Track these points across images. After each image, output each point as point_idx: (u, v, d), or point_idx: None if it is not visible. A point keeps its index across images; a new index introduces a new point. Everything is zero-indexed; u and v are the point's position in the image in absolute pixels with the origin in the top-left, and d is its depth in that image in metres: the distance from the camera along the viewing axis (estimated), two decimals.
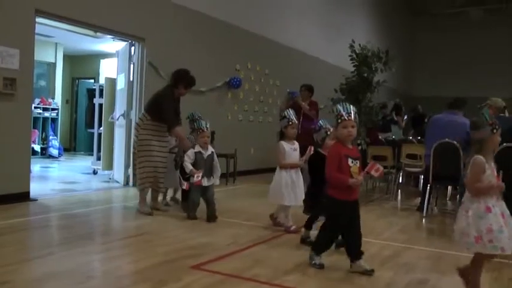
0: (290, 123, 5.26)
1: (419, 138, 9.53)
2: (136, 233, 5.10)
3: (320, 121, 5.09)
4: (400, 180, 8.75)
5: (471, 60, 21.10)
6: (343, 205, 3.91)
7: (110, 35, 8.72)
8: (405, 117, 12.16)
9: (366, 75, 8.36)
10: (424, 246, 5.06)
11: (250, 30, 11.22)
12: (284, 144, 5.32)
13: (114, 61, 10.18)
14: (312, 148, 5.11)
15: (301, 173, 5.43)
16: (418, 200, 7.34)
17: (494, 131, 3.36)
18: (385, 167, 8.46)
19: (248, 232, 5.32)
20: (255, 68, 11.38)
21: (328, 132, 4.83)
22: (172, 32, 9.02)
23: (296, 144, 5.40)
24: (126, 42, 8.81)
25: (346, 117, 3.86)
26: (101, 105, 10.15)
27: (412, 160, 8.28)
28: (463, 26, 21.46)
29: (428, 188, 6.83)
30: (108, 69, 13.61)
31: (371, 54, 8.40)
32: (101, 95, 10.25)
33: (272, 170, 5.52)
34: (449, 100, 7.31)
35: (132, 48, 8.65)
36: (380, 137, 9.61)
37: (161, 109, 6.15)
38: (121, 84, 9.05)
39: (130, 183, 8.49)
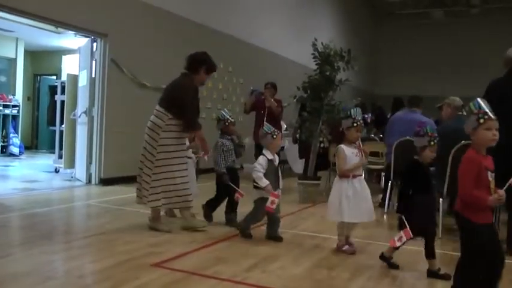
0: (355, 124, 4.42)
1: (381, 136, 9.69)
2: (97, 232, 5.05)
3: (427, 127, 4.00)
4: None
5: (433, 60, 21.54)
6: (487, 230, 3.10)
7: (71, 30, 8.63)
8: (370, 115, 12.34)
9: (328, 73, 8.44)
10: (385, 241, 5.14)
11: (215, 27, 11.21)
12: (345, 148, 4.47)
13: (76, 57, 10.05)
14: None
15: None
16: (380, 196, 7.46)
17: (432, 143, 3.87)
18: None
19: (210, 229, 5.31)
20: (219, 66, 11.29)
21: (432, 143, 3.88)
22: (135, 29, 8.95)
23: (356, 149, 4.50)
24: (88, 38, 8.71)
25: (490, 116, 3.03)
26: (63, 102, 10.00)
27: (374, 157, 8.42)
28: (426, 26, 21.88)
29: (389, 184, 6.96)
30: (70, 65, 13.43)
31: (333, 53, 8.49)
32: (63, 92, 10.10)
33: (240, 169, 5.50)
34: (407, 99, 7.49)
35: (94, 44, 8.56)
36: None
37: (182, 104, 5.15)
38: (83, 81, 8.95)
39: (93, 181, 8.42)
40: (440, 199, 5.38)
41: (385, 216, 6.74)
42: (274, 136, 4.91)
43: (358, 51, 9.40)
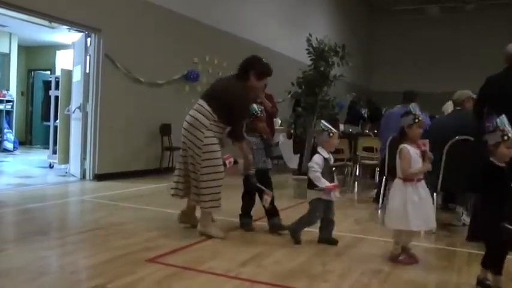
0: (416, 120, 4.06)
1: (375, 131, 9.71)
2: (92, 227, 5.04)
3: (496, 120, 3.51)
4: (357, 173, 8.90)
5: (429, 56, 21.56)
6: None
7: (65, 25, 8.58)
8: (365, 110, 12.39)
9: (322, 69, 8.41)
10: (378, 236, 5.17)
11: (209, 23, 11.18)
12: (409, 147, 4.07)
13: (70, 52, 10.01)
14: None
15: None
16: (374, 192, 7.48)
17: (331, 134, 4.28)
18: (341, 160, 8.65)
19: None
20: (213, 61, 11.36)
21: (506, 137, 3.35)
22: (129, 24, 8.93)
23: (418, 150, 4.11)
24: (82, 33, 8.68)
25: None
26: (57, 98, 9.96)
27: (369, 153, 8.44)
28: (421, 23, 21.90)
29: (383, 180, 6.97)
30: (64, 60, 13.37)
31: (328, 48, 8.46)
32: (57, 87, 10.07)
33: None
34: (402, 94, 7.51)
35: (88, 39, 8.52)
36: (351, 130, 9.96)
37: (234, 112, 4.76)
38: (77, 76, 8.92)
39: (87, 176, 8.40)
40: (434, 194, 5.39)
41: (378, 212, 6.75)
42: (331, 134, 4.62)
43: (353, 47, 9.40)
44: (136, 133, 9.21)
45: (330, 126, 4.66)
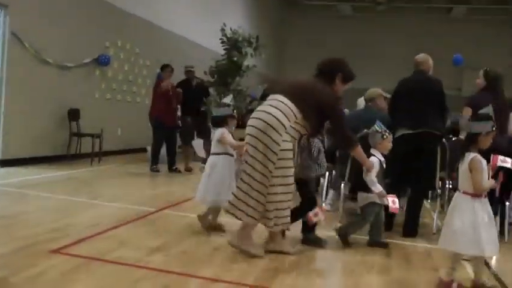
0: (494, 128, 3.55)
1: None
2: None
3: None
4: None
5: (339, 52, 22.11)
6: None
7: None
8: None
9: (236, 59, 8.54)
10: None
11: (124, 8, 10.95)
12: (481, 158, 3.53)
13: None
14: None
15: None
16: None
17: (384, 137, 4.50)
18: None
19: (113, 213, 5.30)
20: (125, 46, 11.15)
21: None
22: (39, 1, 8.56)
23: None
24: None
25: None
26: None
27: None
28: (334, 19, 22.53)
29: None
30: None
31: (241, 39, 8.59)
32: None
33: (140, 151, 5.33)
34: None
35: None
36: None
37: (336, 117, 4.25)
38: None
39: None
40: (342, 183, 5.63)
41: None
42: (385, 136, 4.53)
43: (266, 38, 9.55)
44: (44, 117, 8.88)
45: (385, 128, 4.58)
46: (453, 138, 6.86)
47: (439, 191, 6.24)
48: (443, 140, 5.50)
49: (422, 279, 3.78)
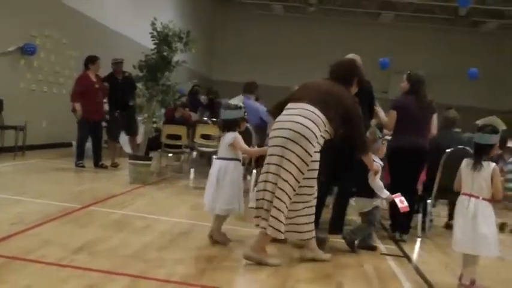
0: None
1: (213, 119, 9.98)
2: None
3: None
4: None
5: (270, 51, 22.38)
6: None
7: None
8: (204, 97, 12.66)
9: (166, 54, 8.46)
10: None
11: None
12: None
13: None
14: None
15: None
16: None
17: (384, 142, 4.86)
18: (179, 146, 8.84)
19: (37, 209, 5.13)
20: (52, 36, 10.82)
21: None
22: None
23: None
24: None
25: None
26: None
27: (206, 140, 8.69)
28: (266, 17, 22.72)
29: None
30: None
31: (172, 33, 8.52)
32: None
33: (66, 145, 5.21)
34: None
35: None
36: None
37: (354, 124, 4.23)
38: None
39: None
40: None
41: None
42: (384, 142, 4.93)
43: (197, 34, 9.52)
44: None
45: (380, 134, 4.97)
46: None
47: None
48: None
49: None
